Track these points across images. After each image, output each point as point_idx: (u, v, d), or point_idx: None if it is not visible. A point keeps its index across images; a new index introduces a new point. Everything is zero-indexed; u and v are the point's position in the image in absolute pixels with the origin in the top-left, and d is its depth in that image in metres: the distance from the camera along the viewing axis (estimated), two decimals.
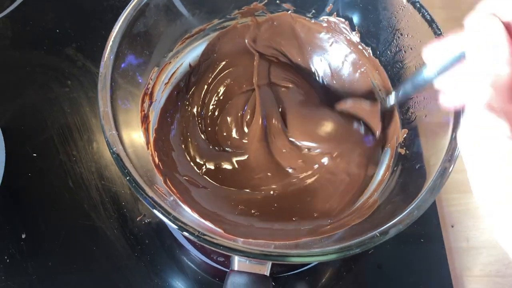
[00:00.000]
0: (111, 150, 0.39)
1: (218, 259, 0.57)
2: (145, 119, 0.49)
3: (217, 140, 0.55)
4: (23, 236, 0.56)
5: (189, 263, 0.58)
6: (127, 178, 0.38)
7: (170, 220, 0.37)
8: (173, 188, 0.46)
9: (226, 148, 0.54)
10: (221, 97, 0.56)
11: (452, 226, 0.62)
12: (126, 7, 0.46)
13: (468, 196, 0.64)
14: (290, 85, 0.56)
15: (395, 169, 0.49)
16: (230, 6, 0.55)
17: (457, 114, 0.42)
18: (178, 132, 0.54)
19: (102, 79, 0.42)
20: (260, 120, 0.52)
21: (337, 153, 0.51)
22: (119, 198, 0.59)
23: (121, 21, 0.45)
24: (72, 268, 0.55)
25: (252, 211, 0.49)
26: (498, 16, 0.30)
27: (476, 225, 0.63)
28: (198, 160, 0.53)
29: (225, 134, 0.55)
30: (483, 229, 0.63)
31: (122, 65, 0.45)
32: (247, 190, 0.51)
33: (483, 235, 0.62)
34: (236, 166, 0.52)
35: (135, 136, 0.47)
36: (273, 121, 0.53)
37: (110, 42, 0.44)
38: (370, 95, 0.55)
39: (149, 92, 0.50)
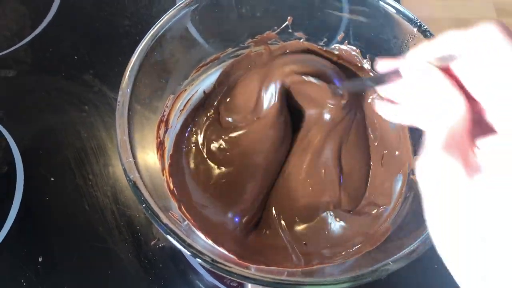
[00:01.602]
0: (127, 178, 0.40)
1: (232, 284, 0.57)
2: (160, 145, 0.50)
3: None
4: (40, 259, 0.56)
5: (202, 287, 0.59)
6: (143, 205, 0.39)
7: (184, 246, 0.38)
8: (187, 214, 0.46)
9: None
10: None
11: None
12: (144, 37, 0.47)
13: None
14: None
15: (407, 196, 0.49)
16: (244, 35, 0.56)
17: None
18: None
19: (120, 108, 0.44)
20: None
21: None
22: (134, 222, 0.60)
23: (138, 51, 0.47)
24: None
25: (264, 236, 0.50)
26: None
27: None
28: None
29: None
30: None
31: (139, 94, 0.46)
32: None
33: None
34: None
35: (151, 162, 0.48)
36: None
37: (127, 72, 0.45)
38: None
39: (164, 119, 0.51)
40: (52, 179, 0.62)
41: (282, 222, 0.51)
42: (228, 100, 0.57)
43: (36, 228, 0.59)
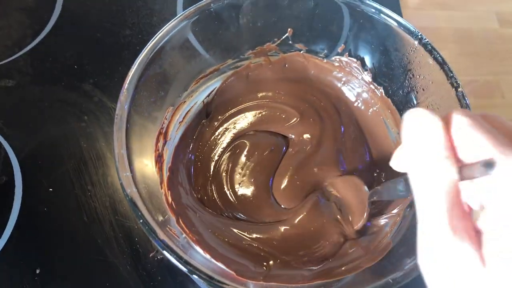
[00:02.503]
0: (124, 193, 0.40)
1: None
2: (159, 158, 0.50)
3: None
4: (38, 271, 0.56)
5: None
6: (140, 221, 0.39)
7: (180, 263, 0.38)
8: (185, 229, 0.46)
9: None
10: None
11: None
12: (144, 49, 0.47)
13: None
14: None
15: (408, 211, 0.49)
16: (244, 47, 0.56)
17: None
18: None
19: (118, 121, 0.43)
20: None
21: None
22: (132, 234, 0.59)
23: (137, 63, 0.46)
24: None
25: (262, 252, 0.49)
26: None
27: None
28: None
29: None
30: None
31: (138, 106, 0.46)
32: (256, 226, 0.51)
33: None
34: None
35: (149, 173, 0.48)
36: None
37: (126, 85, 0.45)
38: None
39: (163, 131, 0.51)
40: (51, 189, 0.61)
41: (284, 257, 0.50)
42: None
43: (34, 239, 0.58)
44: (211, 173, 0.55)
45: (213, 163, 0.56)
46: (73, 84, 0.70)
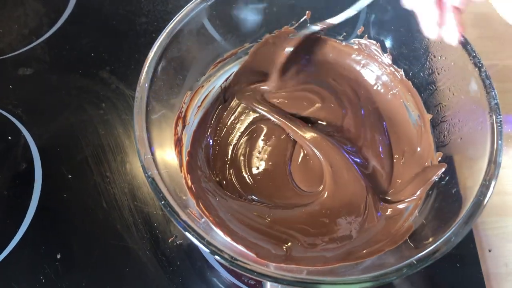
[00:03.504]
0: (146, 174, 0.40)
1: (250, 282, 0.57)
2: (178, 142, 0.50)
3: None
4: (58, 256, 0.57)
5: (220, 285, 0.58)
6: (162, 202, 0.39)
7: (203, 244, 0.38)
8: (205, 211, 0.46)
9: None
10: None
11: (490, 251, 0.60)
12: (161, 33, 0.47)
13: (506, 219, 0.62)
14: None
15: (429, 193, 0.48)
16: (261, 30, 0.56)
17: (493, 139, 0.41)
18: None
19: (138, 104, 0.43)
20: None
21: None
22: (151, 219, 0.59)
23: (156, 46, 0.46)
24: None
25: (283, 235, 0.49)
26: None
27: None
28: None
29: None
30: None
31: (157, 90, 0.46)
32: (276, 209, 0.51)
33: None
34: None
35: (169, 158, 0.48)
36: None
37: (145, 68, 0.45)
38: None
39: (182, 116, 0.51)
40: (69, 176, 0.62)
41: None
42: None
43: (55, 225, 0.59)
44: (229, 157, 0.55)
45: (231, 147, 0.56)
46: (90, 72, 0.70)
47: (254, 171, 0.54)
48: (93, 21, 0.76)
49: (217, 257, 0.37)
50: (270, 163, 0.54)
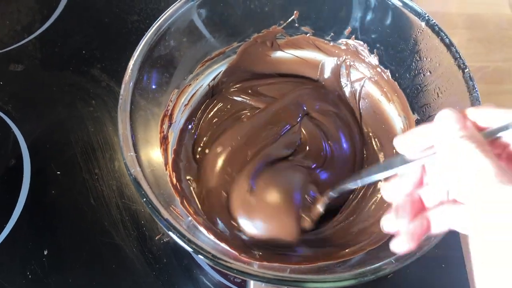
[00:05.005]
0: (128, 172, 0.40)
1: (235, 280, 0.57)
2: (164, 140, 0.50)
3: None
4: (45, 252, 0.57)
5: (207, 282, 0.58)
6: (144, 199, 0.39)
7: (184, 242, 0.38)
8: (189, 209, 0.46)
9: None
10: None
11: None
12: (148, 31, 0.47)
13: None
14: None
15: None
16: (249, 29, 0.56)
17: None
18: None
19: (122, 102, 0.44)
20: None
21: None
22: (139, 217, 0.60)
23: (142, 44, 0.46)
24: (92, 285, 0.56)
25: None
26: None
27: None
28: None
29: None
30: None
31: (143, 88, 0.46)
32: None
33: None
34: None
35: (154, 156, 0.48)
36: None
37: (130, 66, 0.45)
38: None
39: (168, 114, 0.51)
40: (58, 172, 0.62)
41: None
42: None
43: (42, 221, 0.59)
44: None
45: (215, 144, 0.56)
46: (81, 69, 0.71)
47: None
48: (85, 18, 0.76)
49: (200, 255, 0.38)
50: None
